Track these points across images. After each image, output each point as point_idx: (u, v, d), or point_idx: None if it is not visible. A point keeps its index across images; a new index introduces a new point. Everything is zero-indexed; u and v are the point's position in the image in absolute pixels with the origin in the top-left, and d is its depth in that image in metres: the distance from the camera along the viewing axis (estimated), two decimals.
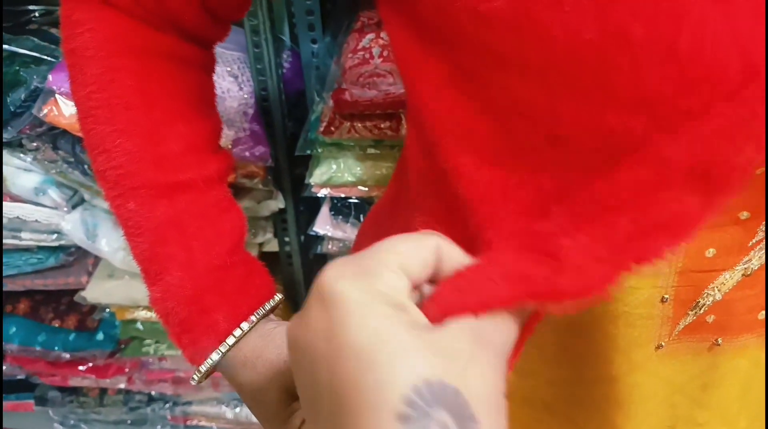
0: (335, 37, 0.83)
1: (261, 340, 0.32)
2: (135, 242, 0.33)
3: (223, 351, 0.32)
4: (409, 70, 0.28)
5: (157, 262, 0.33)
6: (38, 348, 1.04)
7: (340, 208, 0.85)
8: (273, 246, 0.97)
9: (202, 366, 0.32)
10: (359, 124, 0.77)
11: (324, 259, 0.96)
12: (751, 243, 0.26)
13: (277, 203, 0.91)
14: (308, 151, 0.80)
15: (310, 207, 0.95)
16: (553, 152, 0.23)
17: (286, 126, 0.87)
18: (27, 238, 0.94)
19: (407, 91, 0.30)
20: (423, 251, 0.20)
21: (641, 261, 0.20)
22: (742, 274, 0.27)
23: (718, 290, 0.27)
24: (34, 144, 0.86)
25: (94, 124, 0.32)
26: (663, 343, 0.28)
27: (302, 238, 0.96)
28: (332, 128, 0.77)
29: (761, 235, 0.26)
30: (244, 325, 0.32)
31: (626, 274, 0.21)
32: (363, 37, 0.81)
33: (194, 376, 0.33)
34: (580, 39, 0.20)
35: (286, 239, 0.96)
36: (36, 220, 0.92)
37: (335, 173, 0.80)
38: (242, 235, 0.35)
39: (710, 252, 0.26)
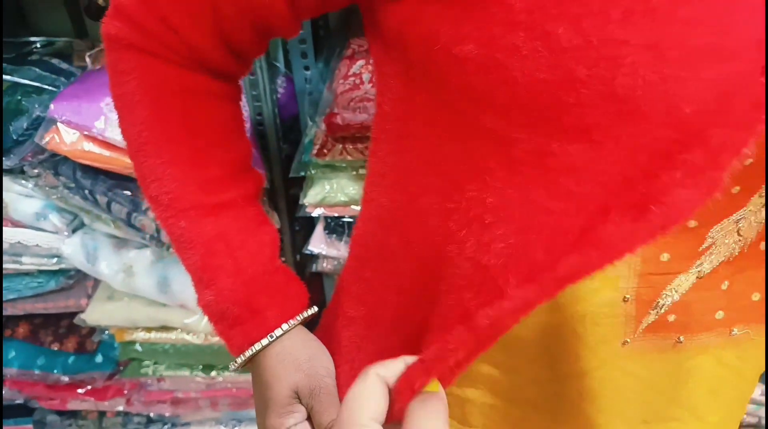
0: (328, 63, 0.87)
1: (298, 341, 0.38)
2: (187, 254, 0.38)
3: (270, 340, 0.37)
4: (392, 100, 0.31)
5: (209, 270, 0.37)
6: (37, 371, 1.05)
7: (334, 227, 0.88)
8: None
9: (248, 351, 0.37)
10: (351, 146, 0.80)
11: (319, 277, 0.98)
12: (701, 248, 0.29)
13: (273, 223, 0.93)
14: (302, 173, 0.83)
15: (305, 226, 0.97)
16: (502, 173, 0.26)
17: (281, 149, 0.90)
18: (28, 263, 0.96)
19: (383, 119, 0.34)
20: (377, 395, 0.25)
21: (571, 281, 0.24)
22: (696, 277, 0.30)
23: (676, 291, 0.30)
24: (36, 170, 0.89)
25: (145, 158, 0.36)
26: (628, 340, 0.31)
27: (298, 257, 0.99)
28: (325, 150, 0.81)
29: (710, 241, 0.29)
30: (292, 322, 0.38)
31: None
32: (354, 64, 0.85)
33: (237, 360, 0.38)
34: (536, 78, 0.24)
35: (283, 259, 0.98)
36: (37, 245, 0.94)
37: (329, 193, 0.83)
38: (278, 244, 0.40)
39: (665, 256, 0.29)
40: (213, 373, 1.05)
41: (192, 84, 0.35)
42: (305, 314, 0.39)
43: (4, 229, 0.92)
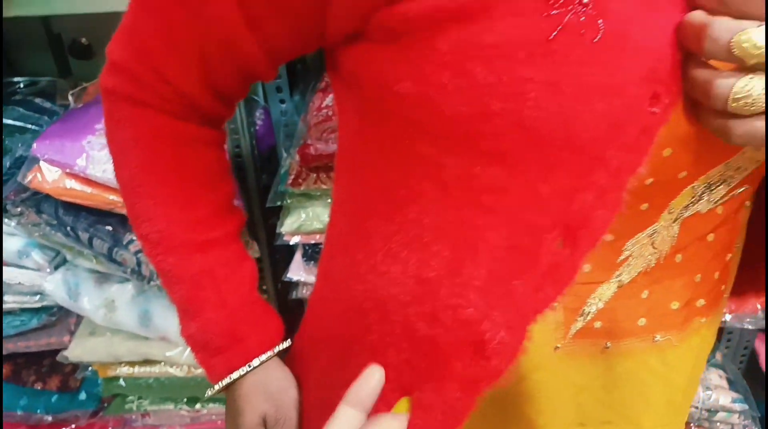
0: (304, 96, 0.91)
1: (272, 373, 0.41)
2: (174, 289, 0.41)
3: (248, 369, 0.40)
4: (349, 133, 0.35)
5: (195, 303, 0.40)
6: (20, 412, 1.04)
7: (312, 254, 0.90)
8: None
9: (226, 379, 0.41)
10: (324, 175, 0.83)
11: (301, 303, 1.00)
12: (619, 260, 0.32)
13: (253, 253, 0.96)
14: (279, 203, 0.86)
15: (284, 255, 0.99)
16: (434, 194, 0.30)
17: (259, 180, 0.93)
18: (10, 301, 0.96)
19: (342, 151, 0.37)
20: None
21: (539, 312, 0.28)
22: (617, 286, 0.33)
23: (599, 300, 0.33)
24: (18, 209, 0.91)
25: (137, 199, 0.39)
26: (559, 345, 0.34)
27: (279, 285, 1.01)
28: (300, 180, 0.84)
29: (627, 253, 0.32)
30: (269, 353, 0.41)
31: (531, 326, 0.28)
32: (327, 96, 0.89)
33: (216, 386, 0.41)
34: (458, 111, 0.27)
35: (264, 287, 1.00)
36: (19, 283, 0.95)
37: (305, 221, 0.86)
38: (257, 278, 0.44)
39: (587, 267, 0.32)
40: (197, 406, 1.06)
41: (182, 132, 0.39)
42: (281, 346, 0.42)
43: None
